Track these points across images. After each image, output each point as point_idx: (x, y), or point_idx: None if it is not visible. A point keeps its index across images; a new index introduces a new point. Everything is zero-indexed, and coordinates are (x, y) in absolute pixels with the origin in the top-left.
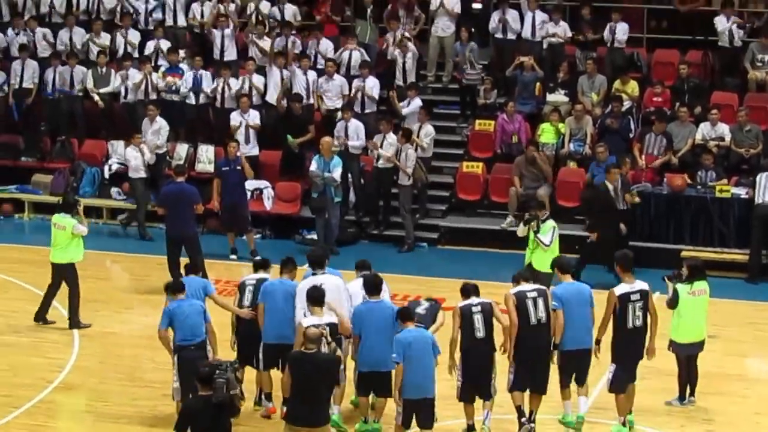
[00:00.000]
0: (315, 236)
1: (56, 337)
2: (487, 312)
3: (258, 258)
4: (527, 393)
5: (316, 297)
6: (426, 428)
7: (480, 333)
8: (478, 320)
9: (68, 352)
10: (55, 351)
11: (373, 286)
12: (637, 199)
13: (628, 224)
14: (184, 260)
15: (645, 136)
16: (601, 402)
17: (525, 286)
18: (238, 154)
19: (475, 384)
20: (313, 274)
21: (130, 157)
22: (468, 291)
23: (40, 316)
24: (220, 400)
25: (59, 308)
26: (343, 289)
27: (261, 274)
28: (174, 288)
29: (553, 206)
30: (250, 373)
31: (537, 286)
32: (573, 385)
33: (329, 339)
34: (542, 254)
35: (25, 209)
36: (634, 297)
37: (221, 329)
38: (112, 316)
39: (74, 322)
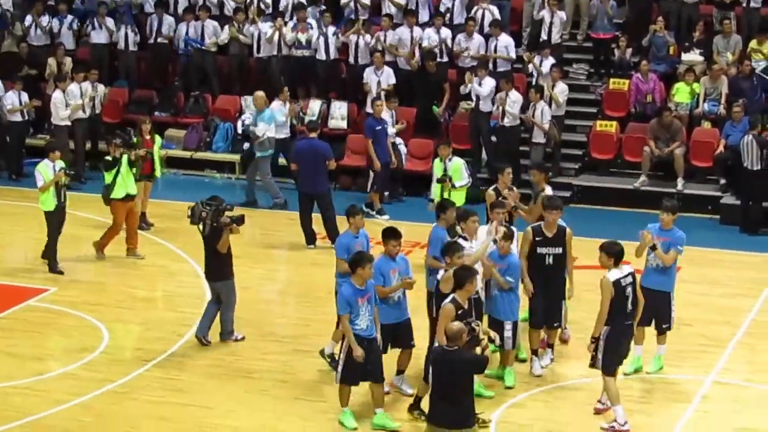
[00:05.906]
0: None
1: (188, 290)
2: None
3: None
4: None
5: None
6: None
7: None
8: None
9: (200, 306)
10: (186, 305)
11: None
12: None
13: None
14: (316, 216)
15: None
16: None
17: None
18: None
19: None
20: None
21: None
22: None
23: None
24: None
25: (193, 264)
26: None
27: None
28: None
29: (687, 166)
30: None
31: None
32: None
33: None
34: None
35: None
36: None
37: None
38: (245, 271)
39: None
